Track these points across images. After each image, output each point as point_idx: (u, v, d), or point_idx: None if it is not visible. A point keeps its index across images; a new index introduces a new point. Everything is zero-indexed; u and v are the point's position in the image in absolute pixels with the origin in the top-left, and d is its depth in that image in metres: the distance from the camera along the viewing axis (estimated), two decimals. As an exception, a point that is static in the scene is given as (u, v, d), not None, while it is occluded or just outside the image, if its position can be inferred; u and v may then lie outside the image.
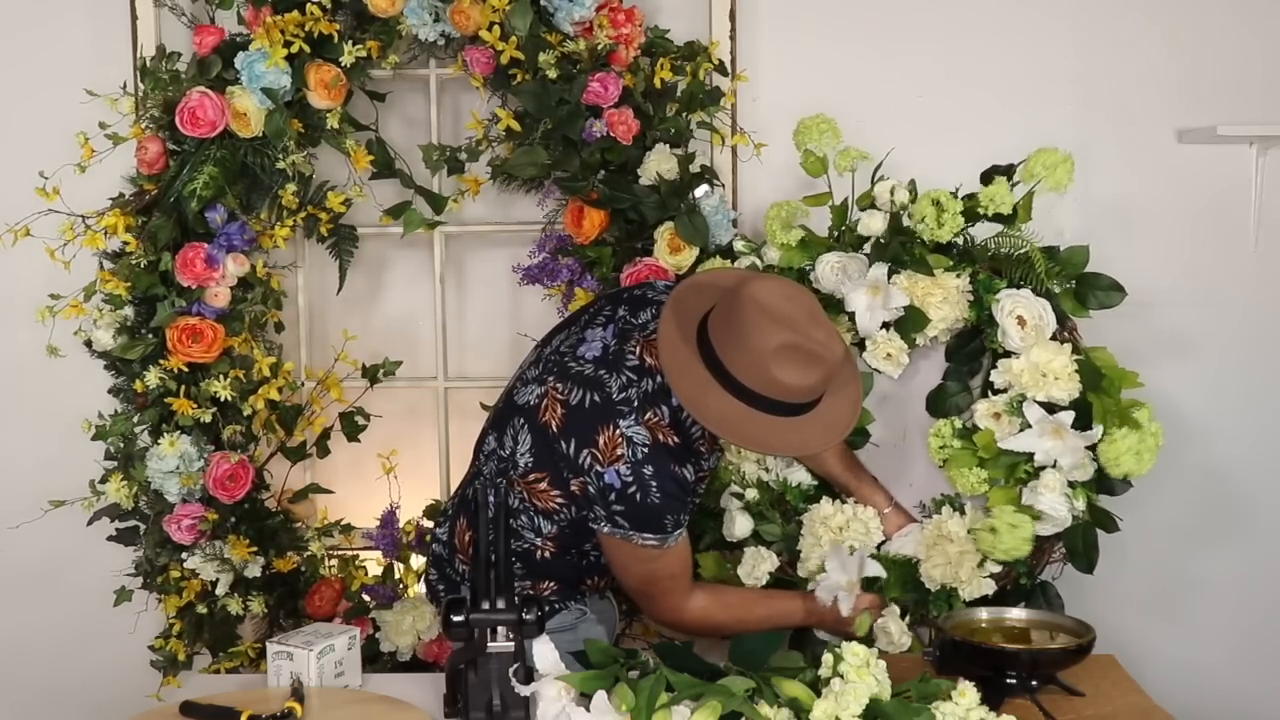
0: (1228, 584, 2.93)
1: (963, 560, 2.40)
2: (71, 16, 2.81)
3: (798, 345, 1.96)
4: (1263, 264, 2.88)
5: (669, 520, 2.08)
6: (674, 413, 2.08)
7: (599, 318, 2.21)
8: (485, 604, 1.77)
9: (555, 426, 2.08)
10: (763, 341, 1.96)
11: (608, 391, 2.08)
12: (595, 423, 2.06)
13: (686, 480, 2.10)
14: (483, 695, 1.78)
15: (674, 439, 2.08)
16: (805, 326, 1.98)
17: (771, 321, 1.96)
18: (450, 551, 2.29)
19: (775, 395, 1.99)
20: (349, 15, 2.60)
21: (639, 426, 2.05)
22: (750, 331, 1.97)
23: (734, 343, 1.99)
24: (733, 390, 1.99)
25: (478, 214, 2.86)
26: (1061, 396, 2.38)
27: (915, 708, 1.70)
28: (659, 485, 2.05)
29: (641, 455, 2.04)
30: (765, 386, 1.98)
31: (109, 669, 2.88)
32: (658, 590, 2.20)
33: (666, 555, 2.13)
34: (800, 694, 1.72)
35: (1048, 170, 2.44)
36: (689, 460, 2.11)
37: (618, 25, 2.59)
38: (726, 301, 2.03)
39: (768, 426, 2.01)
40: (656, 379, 2.08)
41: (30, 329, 2.64)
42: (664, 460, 2.06)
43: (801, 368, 1.97)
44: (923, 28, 2.83)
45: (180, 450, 2.58)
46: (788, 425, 2.02)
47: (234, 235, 2.59)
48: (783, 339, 1.96)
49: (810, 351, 1.97)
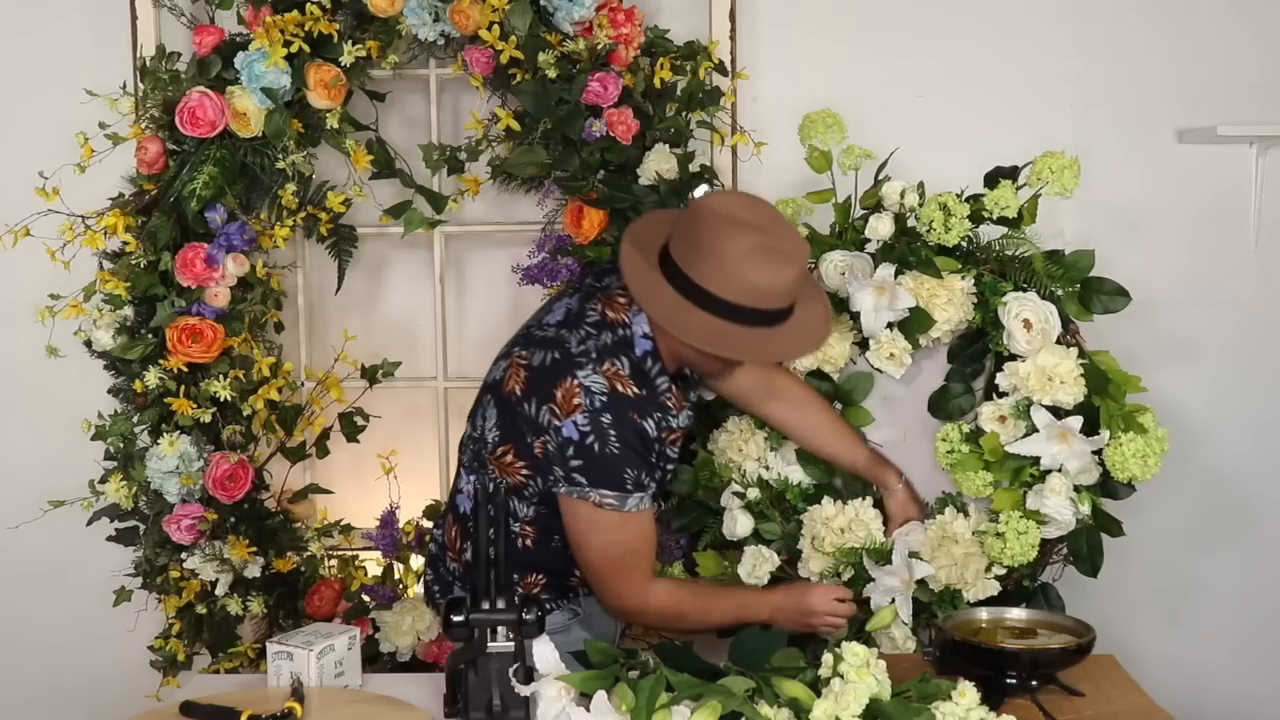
0: (1228, 584, 2.93)
1: (968, 562, 2.41)
2: (71, 17, 2.81)
3: (768, 246, 1.97)
4: (1263, 264, 2.88)
5: (628, 475, 2.05)
6: (636, 364, 2.08)
7: (568, 289, 2.24)
8: (485, 604, 1.77)
9: (518, 391, 2.09)
10: (732, 247, 1.96)
11: (567, 347, 2.08)
12: (554, 378, 2.06)
13: (647, 433, 2.07)
14: (483, 695, 1.78)
15: (635, 389, 2.06)
16: (771, 228, 2.01)
17: (737, 227, 1.97)
18: (442, 550, 2.32)
19: (751, 301, 1.98)
20: (349, 15, 2.60)
21: (597, 376, 2.05)
22: (718, 241, 1.97)
23: (703, 257, 1.98)
24: (708, 306, 1.99)
25: (478, 214, 2.87)
26: (1067, 400, 2.38)
27: (915, 708, 1.70)
28: (617, 434, 2.03)
29: (599, 404, 2.03)
30: (741, 293, 1.97)
31: (109, 669, 2.88)
32: (619, 568, 2.14)
33: (628, 525, 2.09)
34: (800, 694, 1.72)
35: (1054, 174, 2.44)
36: (651, 412, 2.08)
37: (617, 25, 2.59)
38: (686, 222, 2.03)
39: (748, 336, 2.01)
40: (618, 331, 2.09)
41: (30, 329, 2.63)
42: (622, 409, 2.04)
43: (775, 268, 1.98)
44: (923, 28, 2.83)
45: (180, 450, 2.58)
46: (768, 334, 2.02)
47: (234, 235, 2.59)
48: (752, 241, 1.96)
49: (780, 250, 1.98)
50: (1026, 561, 2.37)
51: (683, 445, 2.31)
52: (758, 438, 2.52)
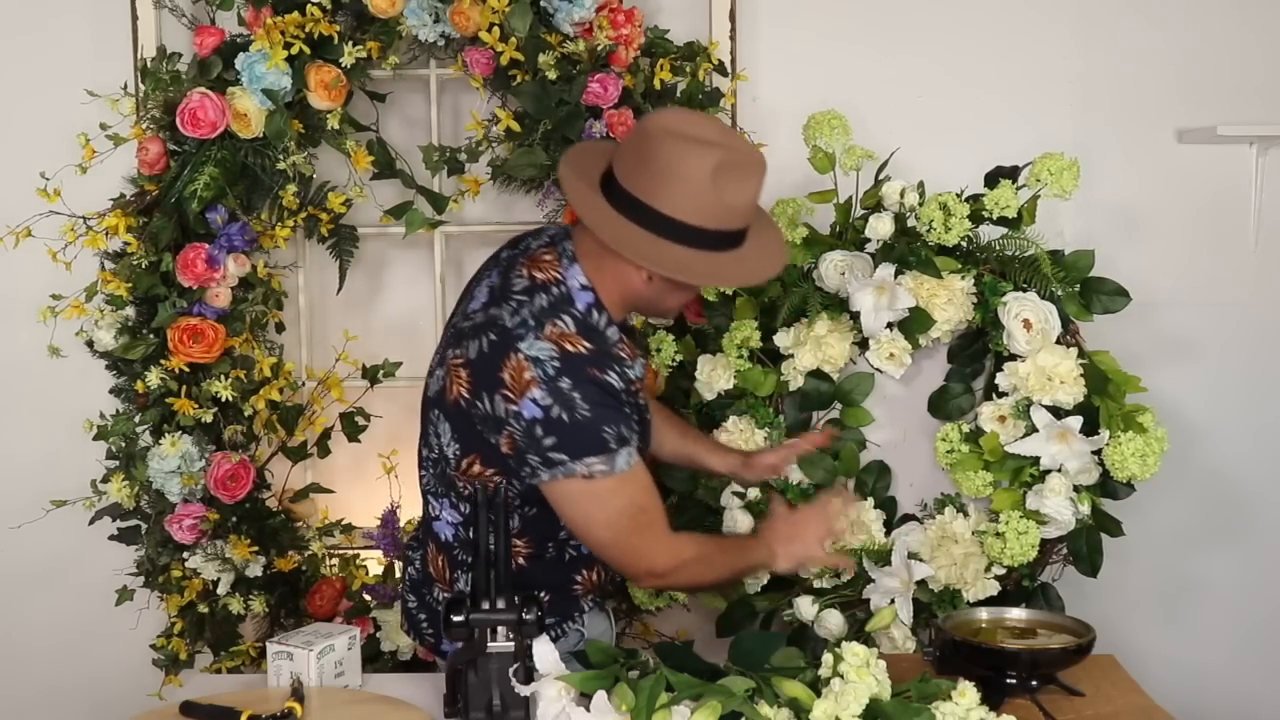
0: (1228, 584, 2.93)
1: (968, 562, 2.41)
2: (72, 17, 2.82)
3: (733, 161, 1.86)
4: (1263, 264, 2.88)
5: (608, 433, 1.88)
6: (581, 319, 1.93)
7: (483, 271, 2.09)
8: (485, 604, 1.77)
9: (465, 394, 1.92)
10: (697, 167, 1.84)
11: (501, 324, 1.91)
12: (496, 360, 1.88)
13: (613, 386, 1.91)
14: (483, 695, 1.78)
15: (585, 345, 1.91)
16: (728, 140, 1.90)
17: (697, 145, 1.85)
18: (427, 580, 2.15)
19: (716, 223, 1.87)
20: (349, 16, 2.61)
21: (541, 342, 1.88)
22: (679, 162, 1.84)
23: (662, 181, 1.85)
24: (671, 234, 1.87)
25: (478, 214, 2.87)
26: (1066, 400, 2.39)
27: (915, 708, 1.70)
28: (583, 395, 1.87)
29: (553, 370, 1.86)
30: (708, 213, 1.86)
31: (110, 668, 2.88)
32: (636, 530, 1.96)
33: (627, 485, 1.92)
34: (800, 694, 1.72)
35: (1053, 175, 2.45)
36: (610, 366, 1.92)
37: (617, 26, 2.60)
38: (633, 148, 1.90)
39: (715, 261, 1.89)
40: (552, 290, 1.94)
41: (32, 329, 2.64)
42: (579, 368, 1.88)
43: (742, 181, 1.88)
44: (922, 28, 2.83)
45: (181, 450, 2.59)
46: (733, 257, 1.92)
47: (235, 236, 2.59)
48: (717, 157, 1.85)
49: (744, 163, 1.88)
50: (1026, 561, 2.37)
51: None
52: (758, 437, 2.52)
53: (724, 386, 2.54)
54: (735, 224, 1.91)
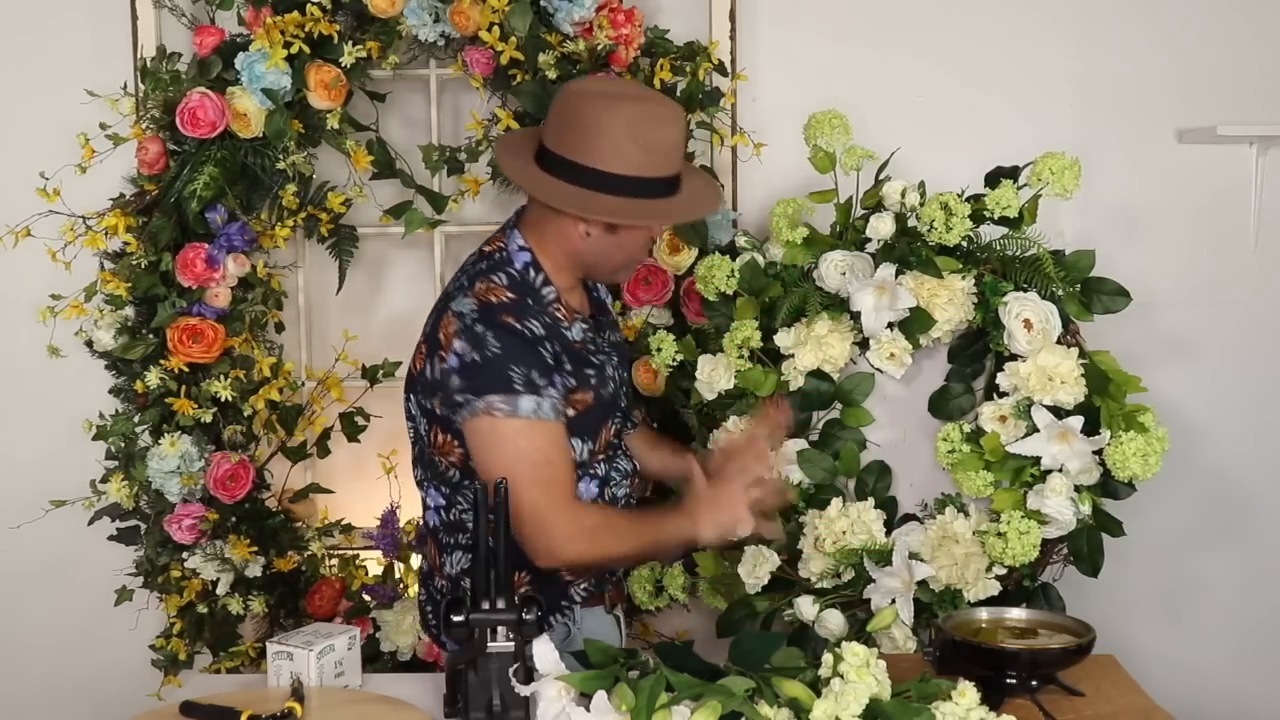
0: (1228, 584, 2.93)
1: (969, 562, 2.41)
2: (71, 17, 2.81)
3: (649, 109, 2.00)
4: (1263, 264, 2.88)
5: (515, 373, 1.95)
6: (517, 277, 2.04)
7: None
8: (485, 604, 1.77)
9: (418, 364, 2.06)
10: (618, 118, 1.97)
11: (445, 292, 2.08)
12: (435, 324, 2.03)
13: (530, 334, 1.98)
14: (483, 695, 1.78)
15: (507, 296, 2.01)
16: (641, 93, 2.08)
17: (613, 99, 1.99)
18: (430, 572, 2.20)
19: (641, 169, 1.97)
20: (349, 16, 2.61)
21: (467, 299, 2.00)
22: (601, 118, 1.97)
23: (584, 137, 1.97)
24: (605, 187, 1.97)
25: (477, 214, 2.87)
26: (1067, 400, 2.39)
27: (915, 708, 1.69)
28: (494, 336, 1.96)
29: (470, 320, 1.98)
30: (631, 161, 1.96)
31: (110, 668, 2.88)
32: (536, 480, 1.94)
33: (533, 431, 1.95)
34: (800, 694, 1.72)
35: (1054, 175, 2.45)
36: (530, 315, 2.00)
37: (617, 25, 2.60)
38: (556, 115, 2.02)
39: (651, 205, 2.01)
40: (493, 256, 2.07)
41: (31, 329, 2.64)
42: (494, 314, 1.98)
43: (663, 125, 2.00)
44: (922, 28, 2.83)
45: (181, 450, 2.59)
46: (669, 201, 2.03)
47: (234, 235, 2.59)
48: (634, 107, 1.98)
49: (661, 111, 2.01)
50: (1027, 561, 2.37)
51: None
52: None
53: (724, 386, 2.54)
54: (659, 170, 2.01)
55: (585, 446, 2.08)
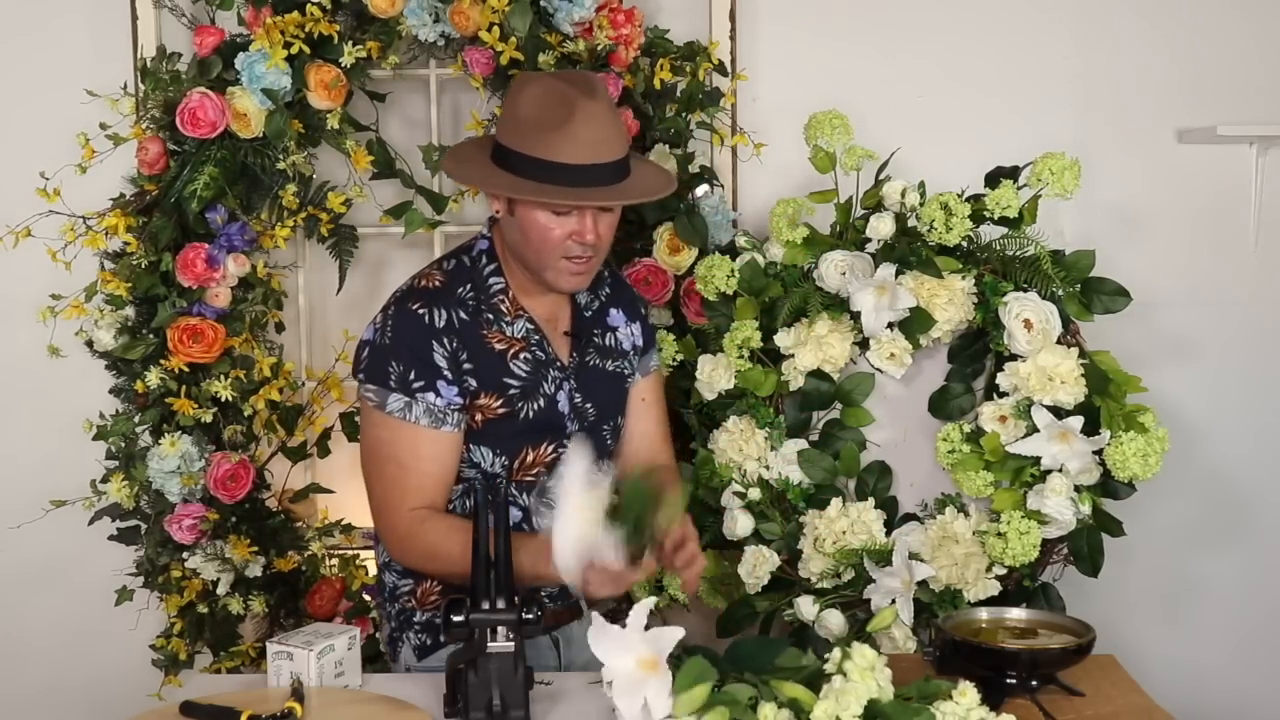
0: (1228, 584, 2.93)
1: (969, 562, 2.41)
2: (71, 17, 2.81)
3: (570, 87, 1.97)
4: (1263, 264, 2.88)
5: (391, 370, 1.97)
6: (466, 263, 2.07)
7: None
8: (485, 604, 1.77)
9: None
10: (546, 102, 1.95)
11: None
12: None
13: (431, 325, 1.99)
14: (483, 695, 1.78)
15: (437, 281, 2.04)
16: (559, 76, 2.10)
17: (540, 89, 1.99)
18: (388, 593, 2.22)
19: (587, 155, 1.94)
20: (349, 16, 2.61)
21: (406, 284, 2.07)
22: (536, 109, 1.96)
23: (534, 127, 1.96)
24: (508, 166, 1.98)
25: (478, 214, 2.86)
26: (1067, 400, 2.39)
27: (915, 708, 1.69)
28: (395, 322, 2.00)
29: (391, 300, 2.05)
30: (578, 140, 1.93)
31: (110, 668, 2.88)
32: (381, 476, 2.00)
33: (390, 429, 1.98)
34: (800, 695, 1.72)
35: (1054, 175, 2.45)
36: (455, 306, 2.01)
37: (617, 26, 2.60)
38: (505, 120, 2.03)
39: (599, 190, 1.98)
40: (462, 246, 2.12)
41: (31, 329, 2.64)
42: (406, 301, 2.02)
43: (589, 97, 1.96)
44: (922, 28, 2.83)
45: (181, 450, 2.59)
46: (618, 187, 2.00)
47: (234, 236, 2.59)
48: (559, 88, 1.96)
49: (580, 84, 1.98)
50: (1027, 561, 2.37)
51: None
52: (758, 437, 2.52)
53: (724, 386, 2.54)
54: (608, 156, 1.96)
55: (498, 460, 2.07)
